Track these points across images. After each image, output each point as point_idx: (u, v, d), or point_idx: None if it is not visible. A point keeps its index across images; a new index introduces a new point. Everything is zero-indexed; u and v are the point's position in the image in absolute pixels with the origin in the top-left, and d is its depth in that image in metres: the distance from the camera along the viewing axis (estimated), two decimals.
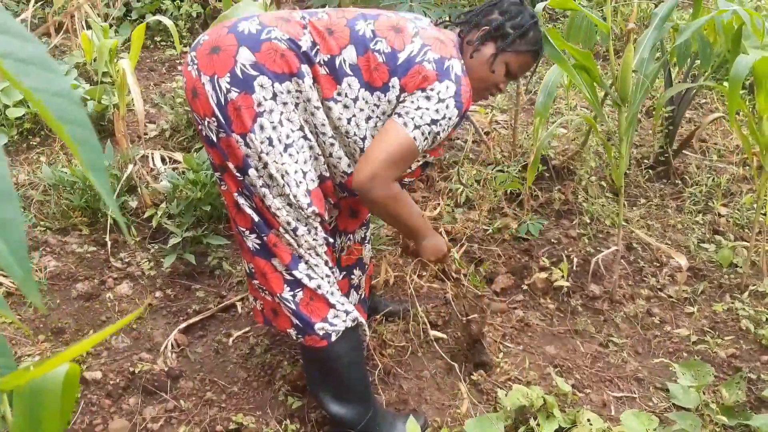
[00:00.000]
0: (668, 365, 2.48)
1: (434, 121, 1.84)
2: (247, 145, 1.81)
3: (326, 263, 2.00)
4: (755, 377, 2.40)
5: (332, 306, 1.98)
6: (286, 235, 1.90)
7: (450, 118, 1.86)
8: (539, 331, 2.69)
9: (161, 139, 4.00)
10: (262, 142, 1.81)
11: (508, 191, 3.54)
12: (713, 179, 3.73)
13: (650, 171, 3.80)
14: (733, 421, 1.96)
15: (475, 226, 3.33)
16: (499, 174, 3.47)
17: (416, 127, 1.83)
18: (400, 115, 1.84)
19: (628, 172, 3.81)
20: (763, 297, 2.83)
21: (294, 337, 1.99)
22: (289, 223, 1.88)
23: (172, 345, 2.50)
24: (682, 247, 3.23)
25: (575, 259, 3.04)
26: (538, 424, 2.07)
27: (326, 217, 1.98)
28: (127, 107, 3.66)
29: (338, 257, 2.32)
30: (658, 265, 3.10)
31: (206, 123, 1.83)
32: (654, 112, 3.89)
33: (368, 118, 1.90)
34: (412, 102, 1.84)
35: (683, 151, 3.91)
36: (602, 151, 3.82)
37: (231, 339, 2.56)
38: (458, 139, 4.10)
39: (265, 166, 1.83)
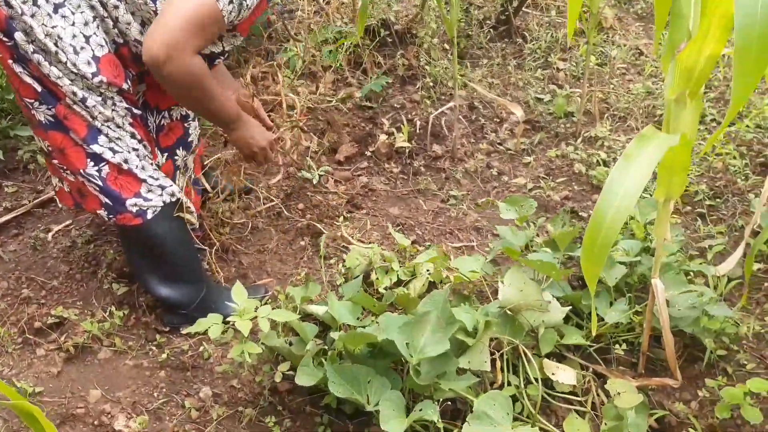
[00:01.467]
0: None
1: None
2: (7, 4, 1.55)
3: (132, 135, 1.80)
4: (586, 215, 2.50)
5: (143, 181, 1.81)
6: (75, 107, 1.68)
7: None
8: (383, 195, 2.65)
9: None
10: (24, 2, 1.55)
11: (352, 62, 3.40)
12: (552, 35, 3.76)
13: (492, 31, 3.77)
14: (557, 254, 2.02)
15: (318, 98, 3.18)
16: (336, 36, 3.31)
17: None
18: None
19: (470, 33, 3.76)
20: (596, 141, 2.93)
21: (105, 218, 1.81)
22: (75, 93, 1.66)
23: None
24: (522, 102, 3.26)
25: (418, 122, 2.99)
26: (377, 278, 2.05)
27: (124, 87, 1.76)
28: None
29: (155, 137, 2.11)
30: (498, 121, 3.12)
31: None
32: None
33: None
34: None
35: (523, 9, 3.89)
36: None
37: (50, 234, 2.34)
38: (298, 10, 3.86)
39: (33, 29, 1.58)
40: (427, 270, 2.10)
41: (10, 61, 1.64)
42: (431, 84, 3.28)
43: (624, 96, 3.24)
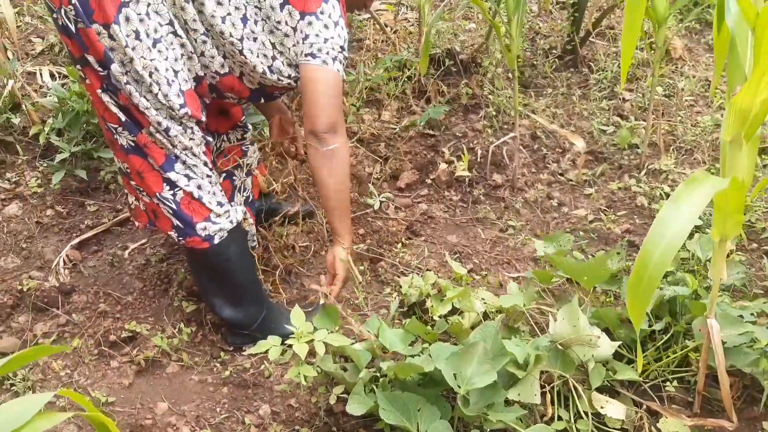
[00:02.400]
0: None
1: (342, 48, 1.84)
2: (111, 37, 1.70)
3: (205, 163, 1.93)
4: None
5: (214, 207, 1.93)
6: (158, 135, 1.82)
7: (345, 36, 1.86)
8: (442, 223, 2.70)
9: (51, 54, 3.75)
10: (128, 35, 1.71)
11: (417, 90, 3.48)
12: (619, 65, 3.74)
13: (557, 60, 3.79)
14: (606, 286, 2.02)
15: (382, 126, 3.27)
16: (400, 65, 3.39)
17: (334, 59, 1.82)
18: (313, 55, 1.81)
19: (535, 63, 3.79)
20: (660, 174, 2.90)
21: (176, 239, 1.94)
22: (159, 123, 1.80)
23: (64, 261, 2.42)
24: (585, 133, 3.25)
25: (479, 151, 3.03)
26: (432, 306, 2.10)
27: (202, 119, 1.90)
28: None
29: (213, 160, 2.24)
30: (561, 151, 3.13)
31: (62, 12, 1.69)
32: None
33: (244, 19, 1.81)
34: (316, 35, 1.80)
35: (590, 39, 3.89)
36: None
37: (127, 252, 2.49)
38: (366, 39, 3.98)
39: (131, 61, 1.73)
40: (482, 299, 2.14)
41: (99, 90, 1.78)
42: (494, 113, 3.32)
43: (691, 129, 3.19)
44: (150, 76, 1.75)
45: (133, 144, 1.84)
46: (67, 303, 2.26)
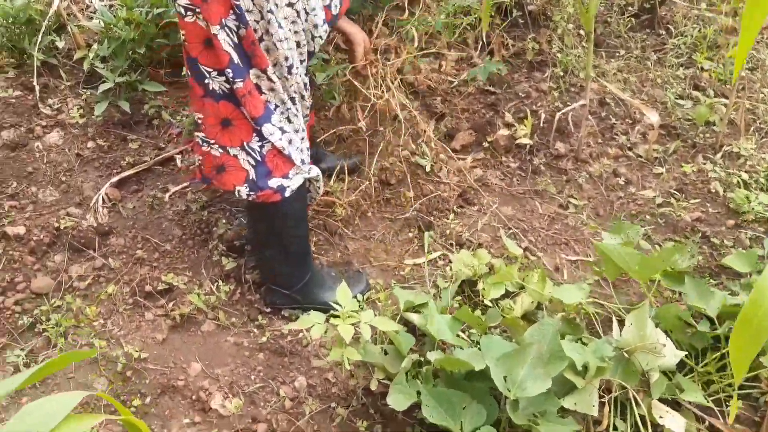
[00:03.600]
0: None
1: None
2: None
3: (303, 114, 1.85)
4: (718, 242, 2.30)
5: (296, 163, 1.83)
6: (274, 76, 1.70)
7: None
8: (497, 192, 2.54)
9: None
10: None
11: (479, 40, 3.25)
12: (700, 30, 3.45)
13: (633, 19, 3.50)
14: (675, 287, 1.87)
15: (439, 77, 3.08)
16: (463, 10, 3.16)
17: None
18: None
19: (609, 20, 3.51)
20: (738, 158, 2.68)
21: (244, 195, 1.81)
22: (287, 59, 1.70)
23: (103, 199, 2.33)
24: (659, 103, 3.02)
25: (543, 115, 2.83)
26: (483, 289, 1.97)
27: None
28: None
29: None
30: (631, 122, 2.91)
31: None
32: None
33: None
34: None
35: None
36: None
37: (167, 195, 2.39)
38: None
39: None
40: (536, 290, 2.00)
41: (216, 27, 1.59)
42: (561, 73, 3.10)
43: None
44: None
45: (227, 90, 1.70)
46: (104, 245, 2.19)
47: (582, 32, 3.34)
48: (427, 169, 2.59)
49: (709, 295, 1.77)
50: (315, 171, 1.91)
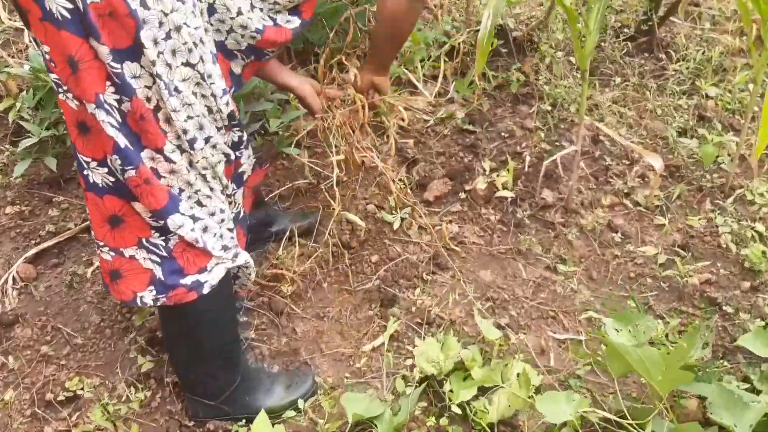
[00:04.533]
0: (626, 297, 2.02)
1: None
2: (143, 4, 1.23)
3: (224, 188, 1.52)
4: (732, 310, 1.95)
5: (215, 252, 1.48)
6: (174, 155, 1.36)
7: None
8: (475, 252, 2.20)
9: None
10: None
11: (459, 71, 2.93)
12: (704, 53, 3.12)
13: (630, 43, 3.17)
14: (692, 389, 1.51)
15: (413, 116, 2.75)
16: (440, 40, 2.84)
17: None
18: None
19: (603, 44, 3.18)
20: (751, 204, 2.33)
21: (150, 302, 1.46)
22: (186, 132, 1.35)
23: (14, 279, 2.01)
24: (659, 139, 2.68)
25: (528, 158, 2.50)
26: (451, 391, 1.62)
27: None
28: None
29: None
30: (628, 162, 2.56)
31: None
32: None
33: None
34: None
35: (671, 18, 3.25)
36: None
37: (90, 270, 2.06)
38: None
39: (178, 30, 1.29)
40: (518, 374, 1.65)
41: (92, 105, 1.27)
42: (549, 108, 2.76)
43: None
44: (195, 48, 1.33)
45: (110, 182, 1.36)
46: (7, 338, 1.86)
47: (572, 59, 3.02)
48: (395, 226, 2.26)
49: (740, 409, 1.41)
50: (242, 257, 1.57)
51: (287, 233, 2.14)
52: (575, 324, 1.95)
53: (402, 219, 2.27)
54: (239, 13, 1.53)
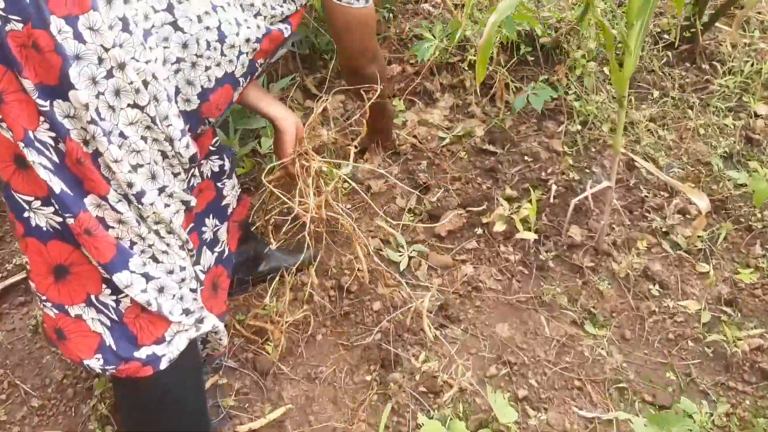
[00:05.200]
0: (664, 365, 1.76)
1: None
2: (79, 36, 1.04)
3: (183, 243, 1.28)
4: None
5: (174, 318, 1.26)
6: (120, 206, 1.15)
7: None
8: (491, 300, 1.94)
9: None
10: (112, 26, 1.07)
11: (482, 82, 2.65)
12: (752, 64, 2.80)
13: (670, 52, 2.86)
14: None
15: (428, 132, 2.48)
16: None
17: None
18: None
19: (642, 54, 2.87)
20: None
21: (98, 369, 1.24)
22: (131, 185, 1.14)
23: None
24: (701, 165, 2.39)
25: (554, 187, 2.22)
26: None
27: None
28: None
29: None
30: (667, 195, 2.28)
31: None
32: None
33: None
34: None
35: (716, 24, 2.93)
36: (608, 24, 2.86)
37: None
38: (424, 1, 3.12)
39: (122, 68, 1.08)
40: None
41: (21, 143, 1.07)
42: (579, 127, 2.48)
43: None
44: (145, 87, 1.11)
45: (58, 225, 1.15)
46: None
47: (606, 70, 2.72)
48: (402, 266, 2.00)
49: None
50: (208, 323, 1.34)
51: (278, 273, 1.89)
52: (604, 397, 1.69)
53: (410, 258, 2.02)
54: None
